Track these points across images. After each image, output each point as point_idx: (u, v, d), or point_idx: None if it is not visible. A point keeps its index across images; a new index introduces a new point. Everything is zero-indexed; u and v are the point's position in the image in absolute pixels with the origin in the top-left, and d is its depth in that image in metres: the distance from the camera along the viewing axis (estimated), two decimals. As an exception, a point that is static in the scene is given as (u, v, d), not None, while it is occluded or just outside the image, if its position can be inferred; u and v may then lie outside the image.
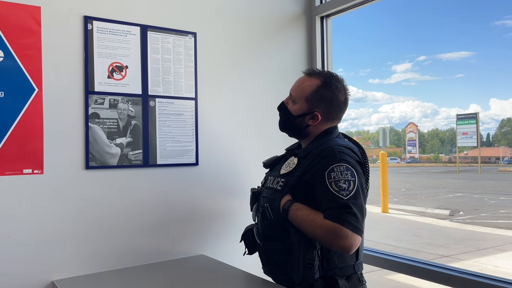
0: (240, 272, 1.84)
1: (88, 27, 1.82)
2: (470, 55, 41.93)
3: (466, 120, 25.20)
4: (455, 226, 9.15)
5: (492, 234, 8.20)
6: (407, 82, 46.42)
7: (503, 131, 41.80)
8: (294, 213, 1.52)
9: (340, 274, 1.56)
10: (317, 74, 1.69)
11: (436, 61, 41.23)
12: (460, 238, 7.95)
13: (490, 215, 10.11)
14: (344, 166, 1.49)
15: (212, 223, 2.13)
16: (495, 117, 48.65)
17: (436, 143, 46.54)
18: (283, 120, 1.75)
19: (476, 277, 1.77)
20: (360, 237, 1.43)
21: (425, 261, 2.02)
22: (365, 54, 77.87)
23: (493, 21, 32.34)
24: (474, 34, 39.99)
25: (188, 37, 2.07)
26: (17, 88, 1.67)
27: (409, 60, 46.59)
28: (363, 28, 29.38)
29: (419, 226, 8.76)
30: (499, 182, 19.11)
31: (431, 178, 21.49)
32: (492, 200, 12.64)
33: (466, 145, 30.67)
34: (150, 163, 1.96)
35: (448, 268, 1.91)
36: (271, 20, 2.37)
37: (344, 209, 1.42)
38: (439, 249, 6.95)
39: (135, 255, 1.92)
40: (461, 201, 12.43)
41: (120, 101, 1.89)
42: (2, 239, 1.64)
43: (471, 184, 18.08)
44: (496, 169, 30.78)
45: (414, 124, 31.39)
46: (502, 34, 34.50)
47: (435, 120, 54.97)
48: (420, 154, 40.53)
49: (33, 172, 1.70)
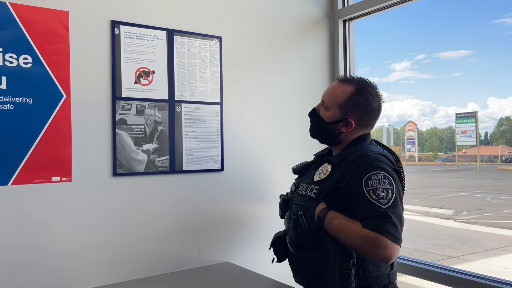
0: (268, 280, 1.82)
1: (116, 31, 1.79)
2: (469, 54, 42.03)
3: (465, 119, 25.23)
4: (460, 226, 9.15)
5: (497, 234, 8.20)
6: (406, 80, 46.56)
7: (501, 129, 41.86)
8: (330, 221, 1.49)
9: (376, 284, 1.53)
10: (351, 80, 1.67)
11: (435, 60, 41.34)
12: (465, 238, 7.95)
13: (494, 215, 10.12)
14: (382, 174, 1.47)
15: (237, 230, 2.11)
16: (493, 115, 48.86)
17: (435, 142, 46.68)
18: (315, 126, 1.72)
19: (482, 279, 1.80)
20: (399, 247, 1.41)
21: (432, 263, 2.05)
22: (364, 52, 78.06)
23: (493, 20, 32.42)
24: (473, 32, 40.09)
25: (213, 41, 2.05)
26: (45, 94, 1.64)
27: (408, 59, 46.70)
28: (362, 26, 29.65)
29: (424, 226, 8.75)
30: (499, 181, 19.15)
31: (431, 177, 21.53)
32: (495, 199, 12.66)
33: (465, 144, 30.73)
34: (176, 169, 1.93)
35: (455, 271, 1.94)
36: (294, 23, 2.34)
37: (383, 218, 1.39)
38: (445, 250, 6.94)
39: (162, 262, 1.89)
40: (463, 201, 12.44)
41: (147, 107, 1.86)
42: (31, 248, 1.62)
43: (471, 183, 18.13)
44: (495, 168, 30.86)
45: (413, 123, 31.43)
46: (502, 32, 34.60)
47: (433, 118, 55.19)
48: (419, 152, 40.53)
49: (61, 180, 1.67)
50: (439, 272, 1.94)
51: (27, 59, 1.60)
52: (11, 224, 1.58)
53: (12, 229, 1.59)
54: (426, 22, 41.30)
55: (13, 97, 1.58)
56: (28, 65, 1.60)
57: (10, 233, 1.58)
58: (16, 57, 1.58)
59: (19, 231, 1.60)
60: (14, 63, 1.58)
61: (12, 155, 1.57)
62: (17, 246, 1.59)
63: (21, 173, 1.59)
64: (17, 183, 1.59)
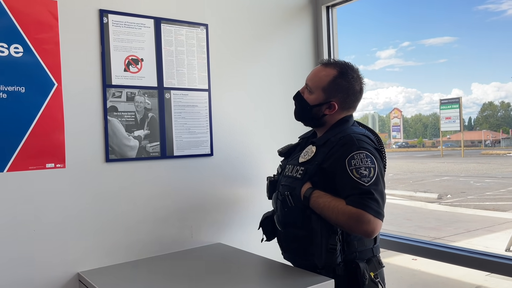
0: (258, 258, 1.89)
1: (104, 20, 1.83)
2: (453, 40, 42.45)
3: (449, 105, 25.58)
4: (444, 209, 9.39)
5: (480, 216, 8.44)
6: (391, 68, 46.86)
7: (484, 114, 42.32)
8: (316, 200, 1.57)
9: (361, 258, 1.62)
10: (333, 64, 1.73)
11: (420, 47, 41.68)
12: (449, 220, 8.17)
13: (477, 198, 10.39)
14: (364, 153, 1.54)
15: (227, 212, 2.18)
16: (477, 101, 49.51)
17: (420, 128, 47.06)
18: (299, 109, 1.78)
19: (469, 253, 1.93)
20: (381, 222, 1.49)
21: (422, 240, 2.17)
22: (350, 40, 78.04)
23: (476, 6, 32.75)
24: (456, 19, 40.46)
25: (200, 29, 2.09)
26: (37, 83, 1.67)
27: (393, 46, 46.95)
28: (347, 14, 29.50)
29: (409, 210, 8.96)
30: (482, 165, 19.52)
31: (417, 163, 21.83)
32: (478, 182, 12.96)
33: (449, 130, 31.14)
34: (167, 155, 1.99)
35: (433, 244, 2.09)
36: (279, 10, 2.39)
37: (366, 195, 1.47)
38: (430, 232, 7.14)
39: (155, 245, 1.96)
40: (448, 185, 12.71)
41: (137, 94, 1.91)
42: (29, 232, 1.66)
43: (455, 167, 18.46)
44: (479, 152, 31.34)
45: (398, 110, 31.66)
46: (485, 18, 34.96)
47: (418, 105, 55.73)
48: (404, 139, 40.88)
49: (56, 166, 1.72)
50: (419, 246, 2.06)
51: (18, 48, 1.63)
52: (8, 209, 1.63)
53: (9, 215, 1.63)
54: (410, 8, 41.50)
55: (6, 86, 1.61)
56: (19, 54, 1.64)
57: (7, 218, 1.62)
58: (7, 47, 1.61)
59: (15, 216, 1.64)
60: (5, 52, 1.61)
61: (7, 143, 1.61)
62: (14, 230, 1.64)
63: (16, 160, 1.63)
64: (12, 169, 1.63)
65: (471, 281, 4.67)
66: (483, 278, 4.67)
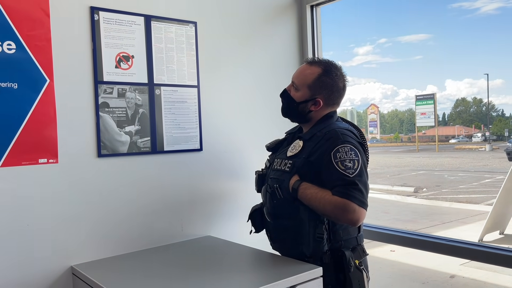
0: (248, 249, 1.96)
1: (95, 17, 1.86)
2: (428, 38, 43.26)
3: (424, 101, 26.13)
4: (420, 202, 9.66)
5: (454, 208, 8.73)
6: (369, 64, 47.42)
7: (457, 110, 43.28)
8: (304, 191, 1.64)
9: (346, 246, 1.70)
10: (318, 62, 1.81)
11: (396, 44, 42.29)
12: (425, 213, 8.42)
13: (451, 191, 10.71)
14: (348, 146, 1.63)
15: (216, 205, 2.24)
16: (451, 97, 50.69)
17: (396, 123, 47.79)
18: (286, 106, 1.86)
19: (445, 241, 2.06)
20: (365, 211, 1.58)
21: (404, 230, 2.30)
22: (328, 37, 78.54)
23: (450, 4, 33.43)
24: (432, 16, 41.22)
25: (189, 27, 2.14)
26: (29, 79, 1.69)
27: (370, 43, 47.53)
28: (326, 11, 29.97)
29: (387, 203, 9.17)
30: (456, 159, 20.05)
31: (393, 158, 22.26)
32: (452, 176, 13.35)
33: (424, 125, 31.81)
34: (157, 150, 2.03)
35: (411, 233, 2.23)
36: (265, 8, 2.45)
37: (351, 186, 1.56)
38: (407, 224, 7.34)
39: (146, 238, 2.00)
40: (423, 178, 13.04)
41: (128, 90, 1.94)
42: (23, 226, 1.69)
43: (431, 162, 18.92)
44: (453, 147, 32.10)
45: (375, 106, 32.08)
46: (459, 16, 35.76)
47: (394, 101, 56.64)
48: (381, 134, 41.43)
49: (48, 162, 1.74)
50: (401, 236, 2.17)
51: (10, 45, 1.65)
52: (1, 204, 1.64)
53: (2, 210, 1.65)
54: (387, 5, 42.16)
55: (-1, 82, 1.63)
56: (12, 51, 1.65)
57: (0, 213, 1.64)
58: (0, 44, 1.62)
59: (8, 211, 1.66)
60: (-2, 49, 1.62)
61: (0, 139, 1.63)
62: (7, 225, 1.66)
63: (9, 155, 1.65)
64: (6, 165, 1.64)
65: (446, 271, 4.86)
66: (457, 268, 4.87)
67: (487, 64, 39.70)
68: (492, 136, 31.80)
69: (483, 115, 36.94)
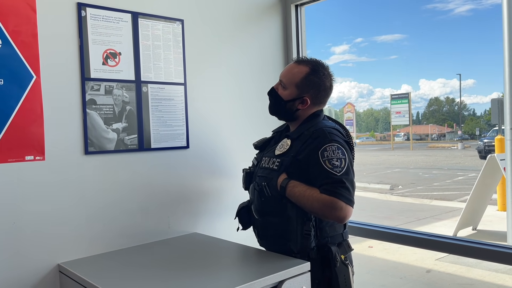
0: (235, 245, 1.98)
1: (82, 13, 1.84)
2: (403, 38, 44.11)
3: (399, 100, 26.71)
4: (396, 199, 9.88)
5: (429, 205, 8.96)
6: (345, 63, 48.04)
7: (431, 109, 44.18)
8: (292, 190, 1.68)
9: (332, 242, 1.74)
10: (306, 62, 1.84)
11: (372, 43, 43.01)
12: (401, 209, 8.61)
13: (425, 188, 11.00)
14: (335, 145, 1.67)
15: (203, 203, 2.25)
16: (424, 96, 51.81)
17: (372, 122, 48.45)
18: (273, 104, 1.88)
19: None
20: (352, 208, 1.62)
21: (385, 226, 2.40)
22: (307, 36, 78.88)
23: (425, 5, 34.20)
24: (406, 17, 42.05)
25: (176, 24, 2.14)
26: (16, 75, 1.67)
27: (347, 42, 48.09)
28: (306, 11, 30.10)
29: (363, 201, 9.32)
30: (429, 157, 20.55)
31: (369, 156, 22.63)
32: (426, 174, 13.69)
33: (399, 124, 32.45)
34: (145, 147, 2.03)
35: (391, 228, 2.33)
36: (251, 7, 2.48)
37: (338, 184, 1.60)
38: (383, 221, 7.49)
39: (134, 235, 2.00)
40: (399, 176, 13.34)
41: (115, 87, 1.93)
42: (9, 225, 1.66)
43: (405, 160, 19.32)
44: (426, 146, 32.88)
45: (352, 104, 32.53)
46: (432, 17, 36.60)
47: (370, 100, 57.53)
48: (357, 133, 42.04)
49: (35, 159, 1.72)
50: (379, 231, 2.28)
51: (-4, 40, 1.62)
52: (-14, 202, 1.62)
53: (-12, 208, 1.63)
54: (363, 5, 42.65)
55: (-16, 78, 1.60)
56: (-3, 46, 1.63)
57: (-14, 212, 1.62)
58: (-15, 39, 1.60)
59: (-5, 209, 1.64)
60: (-17, 44, 1.60)
61: (-14, 135, 1.60)
62: (-7, 224, 1.64)
63: (-5, 152, 1.62)
64: (-9, 162, 1.62)
65: (422, 265, 5.00)
66: (433, 263, 5.01)
67: (459, 64, 40.73)
68: (464, 135, 32.63)
69: (455, 114, 37.85)
